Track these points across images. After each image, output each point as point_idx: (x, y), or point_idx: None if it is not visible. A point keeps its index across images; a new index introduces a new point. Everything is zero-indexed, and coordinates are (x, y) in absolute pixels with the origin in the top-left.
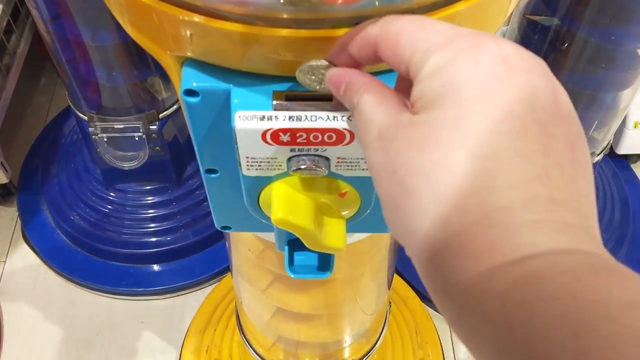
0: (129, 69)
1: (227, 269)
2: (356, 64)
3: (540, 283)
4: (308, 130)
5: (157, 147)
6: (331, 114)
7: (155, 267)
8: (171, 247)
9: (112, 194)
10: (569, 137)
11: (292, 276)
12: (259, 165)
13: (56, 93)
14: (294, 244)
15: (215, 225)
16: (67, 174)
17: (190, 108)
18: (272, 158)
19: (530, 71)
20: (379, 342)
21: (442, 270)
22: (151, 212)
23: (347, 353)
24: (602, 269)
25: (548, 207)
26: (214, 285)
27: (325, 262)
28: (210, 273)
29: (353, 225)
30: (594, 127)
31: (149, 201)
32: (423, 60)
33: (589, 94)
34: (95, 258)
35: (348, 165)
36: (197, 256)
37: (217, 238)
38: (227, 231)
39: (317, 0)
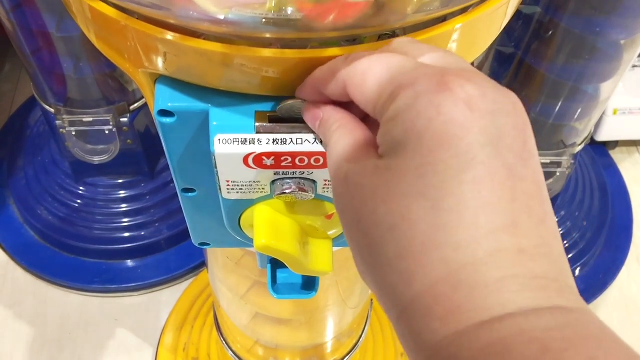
0: (96, 60)
1: (204, 264)
2: (330, 100)
3: (508, 354)
4: (293, 154)
5: (128, 140)
6: (318, 137)
7: (129, 263)
8: (145, 242)
9: (82, 188)
10: (537, 175)
11: (275, 297)
12: (240, 189)
13: (21, 80)
14: (277, 262)
15: (193, 242)
16: (35, 167)
17: (165, 129)
18: (254, 182)
19: (495, 112)
20: (361, 340)
21: (410, 329)
22: (124, 207)
23: (329, 352)
24: (571, 336)
25: (515, 260)
26: (190, 280)
27: (310, 281)
28: (186, 268)
29: (341, 242)
30: (575, 117)
31: (121, 195)
32: (387, 104)
33: (571, 85)
34: (66, 254)
35: None
36: (172, 250)
37: None
38: (205, 247)
39: (302, 19)
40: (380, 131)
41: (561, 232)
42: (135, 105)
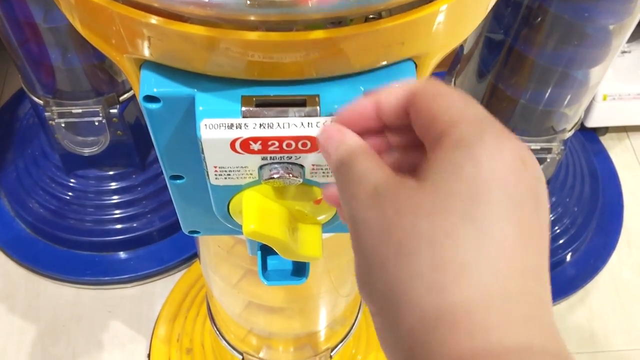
0: (85, 51)
1: (197, 255)
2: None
3: None
4: (280, 139)
5: (118, 132)
6: (305, 120)
7: (122, 255)
8: (137, 233)
9: (72, 180)
10: (545, 221)
11: (265, 284)
12: (228, 175)
13: (9, 73)
14: (267, 249)
15: (183, 230)
16: (25, 160)
17: (150, 115)
18: (242, 167)
19: (539, 178)
20: (354, 328)
21: (427, 338)
22: (115, 198)
23: (322, 340)
24: None
25: (535, 304)
26: (183, 272)
27: (300, 268)
28: (179, 259)
29: (330, 228)
30: (565, 103)
31: (112, 187)
32: (451, 130)
33: (560, 70)
34: (58, 247)
35: (324, 172)
36: (164, 242)
37: None
38: (195, 235)
39: (286, 1)
40: (434, 154)
41: (552, 218)
42: (125, 96)
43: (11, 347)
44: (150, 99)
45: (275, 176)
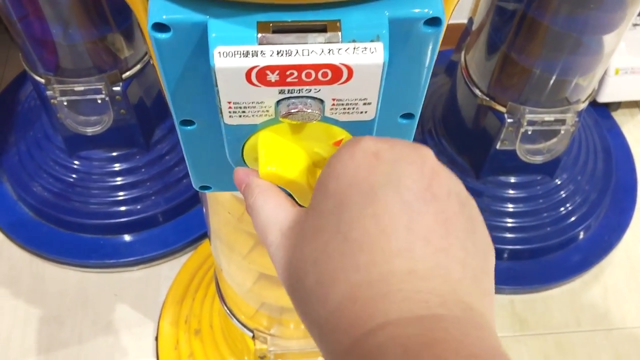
0: (86, 25)
1: (203, 237)
2: None
3: (381, 357)
4: (300, 67)
5: (122, 110)
6: (326, 47)
7: (127, 238)
8: (142, 215)
9: (76, 162)
10: (442, 214)
11: None
12: (243, 112)
13: (10, 56)
14: None
15: (193, 185)
16: (27, 143)
17: (160, 47)
18: (258, 102)
19: (398, 160)
20: None
21: (326, 343)
22: (119, 180)
23: None
24: (430, 339)
25: (403, 279)
26: (189, 254)
27: None
28: (185, 241)
29: None
30: (578, 73)
31: (117, 168)
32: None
33: (574, 36)
34: (62, 230)
35: (344, 108)
36: (170, 224)
37: (191, 204)
38: (206, 191)
39: None
40: (317, 180)
41: (563, 195)
42: (128, 73)
43: (16, 332)
44: (159, 27)
45: (293, 111)
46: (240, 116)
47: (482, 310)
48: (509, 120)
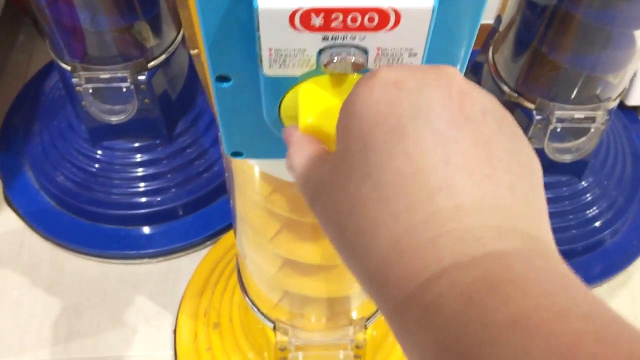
0: (114, 13)
1: (224, 230)
2: None
3: (442, 310)
4: (345, 10)
5: (146, 100)
6: None
7: (148, 229)
8: (163, 207)
9: (99, 151)
10: (481, 136)
11: None
12: (284, 61)
13: (35, 50)
14: None
15: (225, 151)
16: (50, 133)
17: None
18: (299, 49)
19: (422, 87)
20: None
21: (376, 299)
22: (141, 171)
23: (355, 311)
24: (494, 281)
25: (450, 218)
26: (209, 248)
27: None
28: (205, 235)
29: None
30: (609, 69)
31: (138, 159)
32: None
33: (606, 30)
34: (83, 220)
35: (389, 59)
36: (191, 217)
37: (212, 198)
38: (237, 157)
39: None
40: (337, 124)
41: (590, 198)
42: (153, 62)
43: (35, 321)
44: None
45: (336, 59)
46: (280, 66)
47: (540, 234)
48: (538, 117)
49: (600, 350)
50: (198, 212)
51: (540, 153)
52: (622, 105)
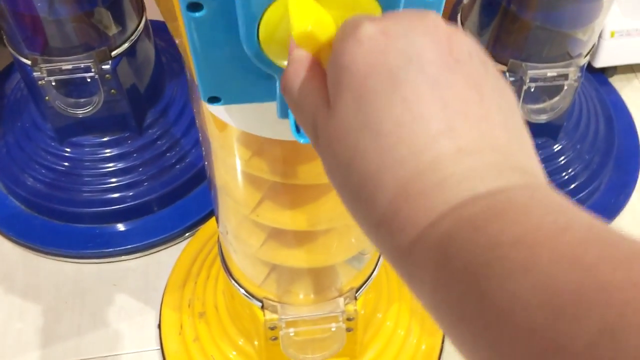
0: (72, 0)
1: (201, 221)
2: None
3: (453, 243)
4: None
5: (112, 90)
6: None
7: (123, 225)
8: (138, 202)
9: (67, 149)
10: (470, 79)
11: (300, 141)
12: None
13: None
14: None
15: (202, 98)
16: (14, 134)
17: None
18: None
19: (409, 33)
20: (374, 274)
21: (383, 246)
22: (113, 166)
23: (345, 279)
24: (498, 210)
25: (453, 160)
26: (188, 240)
27: None
28: (182, 227)
29: None
30: (577, 23)
31: (109, 154)
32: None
33: None
34: (56, 222)
35: None
36: (167, 210)
37: (187, 189)
38: (215, 104)
39: None
40: (327, 76)
41: (565, 160)
42: (117, 51)
43: (12, 328)
44: None
45: None
46: None
47: (535, 170)
48: (511, 79)
49: (606, 251)
50: (174, 204)
51: None
52: (590, 68)
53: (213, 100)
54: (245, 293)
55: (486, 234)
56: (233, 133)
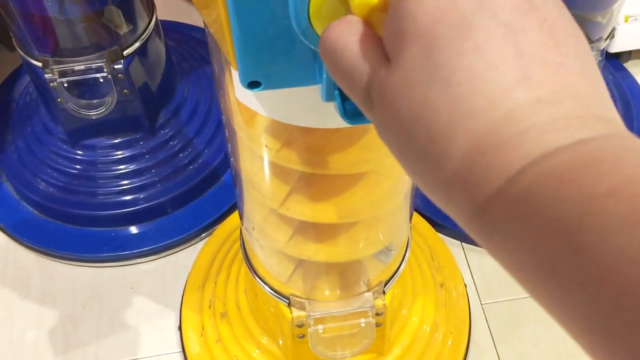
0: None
1: (217, 221)
2: None
3: (534, 197)
4: None
5: (125, 90)
6: None
7: (139, 228)
8: (152, 203)
9: (79, 152)
10: (545, 23)
11: (347, 122)
12: None
13: None
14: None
15: (241, 83)
16: (25, 139)
17: None
18: None
19: None
20: (401, 267)
21: (456, 206)
22: (125, 168)
23: (373, 274)
24: (586, 161)
25: (532, 111)
26: (205, 240)
27: None
28: (199, 227)
29: None
30: (597, 7)
31: (122, 156)
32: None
33: None
34: (70, 226)
35: None
36: (183, 210)
37: (202, 190)
38: (255, 89)
39: None
40: (384, 31)
41: None
42: (128, 50)
43: (30, 335)
44: None
45: None
46: None
47: (616, 119)
48: None
49: None
50: (189, 205)
51: None
52: (604, 54)
53: (253, 85)
54: (271, 291)
55: (577, 186)
56: (262, 124)
